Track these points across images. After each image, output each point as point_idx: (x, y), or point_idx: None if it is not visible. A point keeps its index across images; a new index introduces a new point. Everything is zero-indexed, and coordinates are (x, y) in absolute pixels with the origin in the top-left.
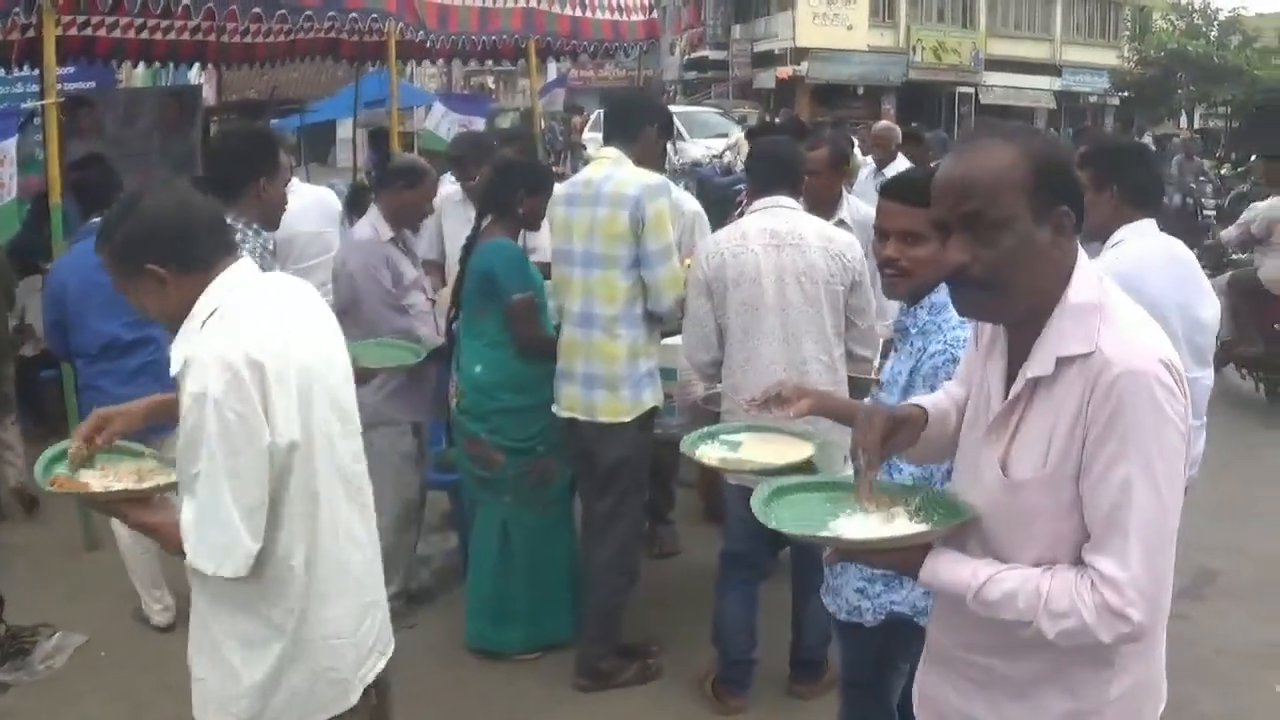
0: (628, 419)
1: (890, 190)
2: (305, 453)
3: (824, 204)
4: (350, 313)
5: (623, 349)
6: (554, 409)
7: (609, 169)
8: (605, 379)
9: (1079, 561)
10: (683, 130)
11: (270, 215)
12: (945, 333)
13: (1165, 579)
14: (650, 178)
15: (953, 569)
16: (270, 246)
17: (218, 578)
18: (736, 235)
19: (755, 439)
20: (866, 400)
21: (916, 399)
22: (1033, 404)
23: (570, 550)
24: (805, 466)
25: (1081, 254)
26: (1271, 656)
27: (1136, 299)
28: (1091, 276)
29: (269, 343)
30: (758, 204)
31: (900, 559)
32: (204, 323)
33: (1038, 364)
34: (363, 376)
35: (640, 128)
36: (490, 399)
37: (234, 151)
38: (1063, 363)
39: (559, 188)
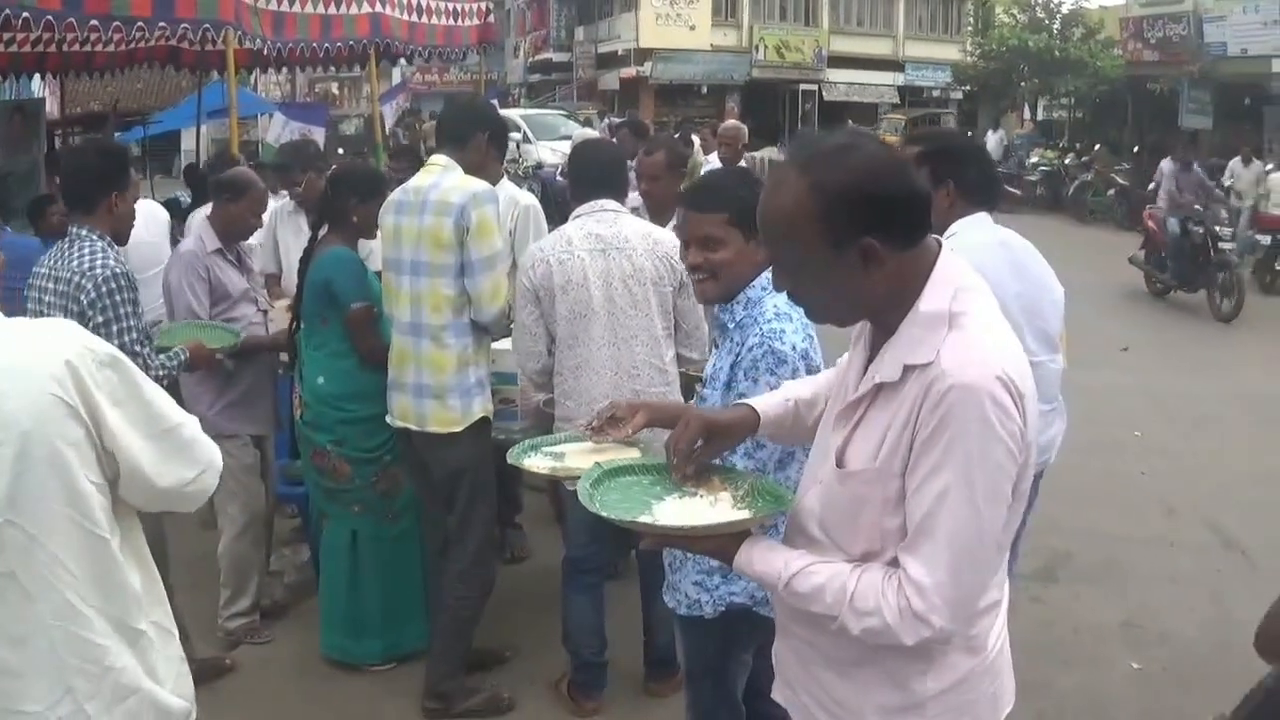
0: (458, 429)
1: (686, 198)
2: None
3: (663, 208)
4: None
5: (451, 358)
6: (387, 419)
7: (437, 176)
8: (434, 388)
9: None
10: (529, 132)
11: (121, 230)
12: (761, 325)
13: (973, 588)
14: (476, 185)
15: (766, 558)
16: (122, 259)
17: None
18: (561, 242)
19: (578, 448)
20: (693, 401)
21: (752, 399)
22: (876, 403)
23: (421, 559)
24: None
25: (944, 262)
26: (1126, 635)
27: None
28: (948, 287)
29: None
30: (581, 209)
31: (716, 546)
32: None
33: (885, 369)
34: (204, 359)
35: (470, 135)
36: (334, 409)
37: (87, 167)
38: (909, 369)
39: (390, 195)
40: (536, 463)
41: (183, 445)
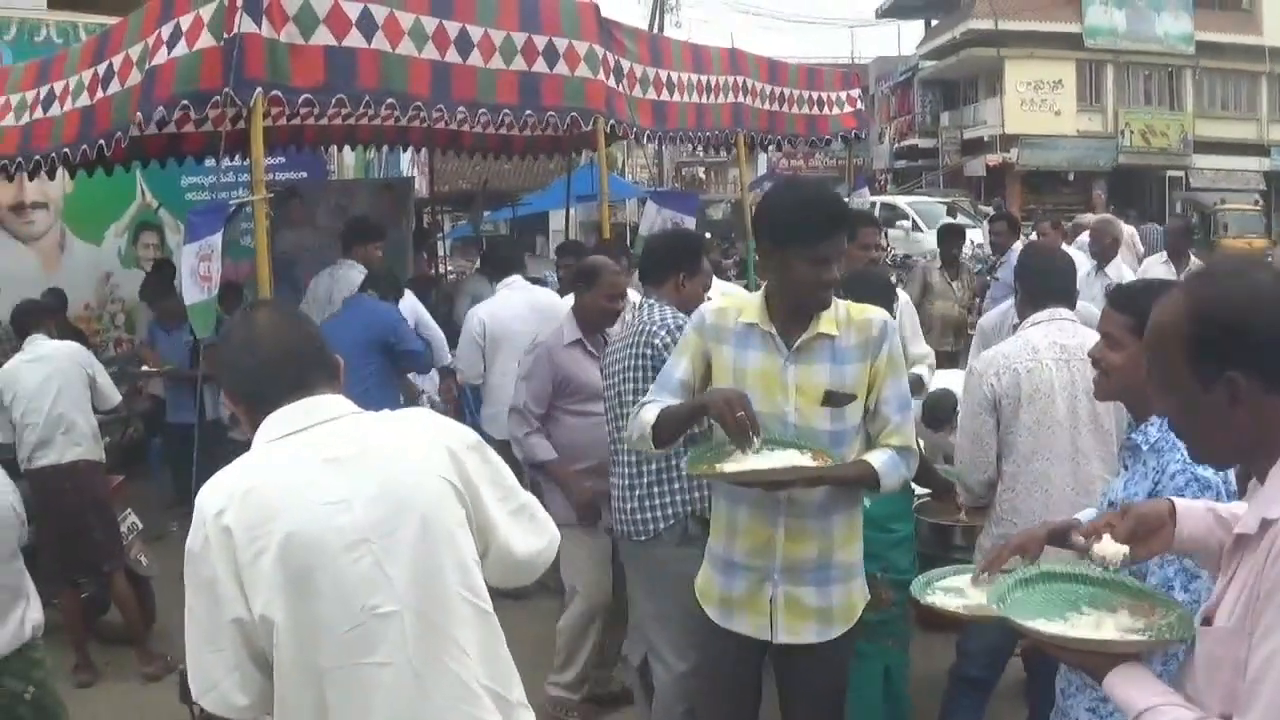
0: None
1: (1110, 294)
2: (296, 638)
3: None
4: None
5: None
6: None
7: None
8: None
9: None
10: (917, 220)
11: (685, 307)
12: (1180, 450)
13: None
14: None
15: (1127, 688)
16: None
17: None
18: (1028, 350)
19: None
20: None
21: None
22: (1243, 557)
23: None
24: None
25: None
26: None
27: None
28: None
29: (247, 509)
30: (1037, 316)
31: (1085, 661)
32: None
33: (1247, 521)
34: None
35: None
36: (883, 533)
37: (663, 248)
38: (1266, 524)
39: None
40: (944, 600)
41: (534, 518)
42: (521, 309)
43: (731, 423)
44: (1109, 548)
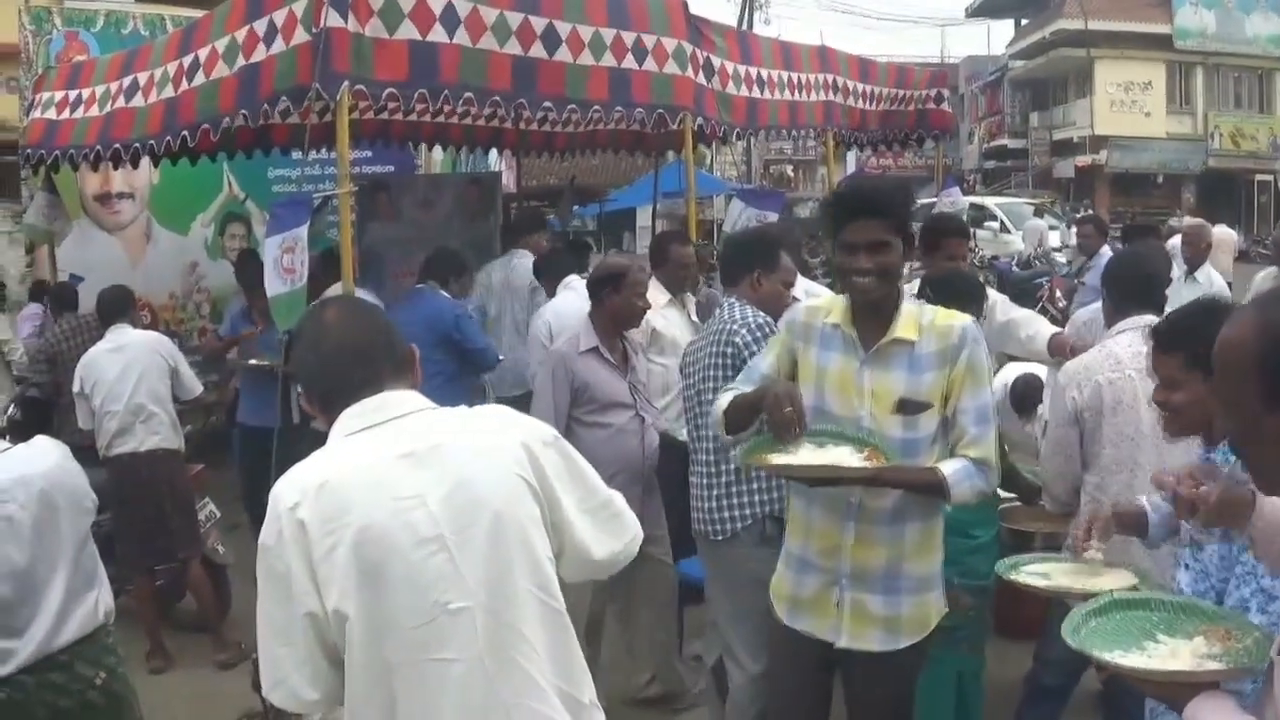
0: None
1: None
2: (367, 633)
3: None
4: None
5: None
6: None
7: None
8: None
9: None
10: (1005, 220)
11: (764, 306)
12: None
13: None
14: None
15: (1209, 716)
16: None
17: None
18: (1110, 361)
19: (1059, 569)
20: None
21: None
22: None
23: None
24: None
25: None
26: None
27: None
28: None
29: (321, 503)
30: (1123, 324)
31: (1165, 692)
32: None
33: None
34: None
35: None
36: (964, 538)
37: (737, 246)
38: None
39: None
40: (1028, 579)
41: (614, 517)
42: (582, 304)
43: (779, 416)
44: None
